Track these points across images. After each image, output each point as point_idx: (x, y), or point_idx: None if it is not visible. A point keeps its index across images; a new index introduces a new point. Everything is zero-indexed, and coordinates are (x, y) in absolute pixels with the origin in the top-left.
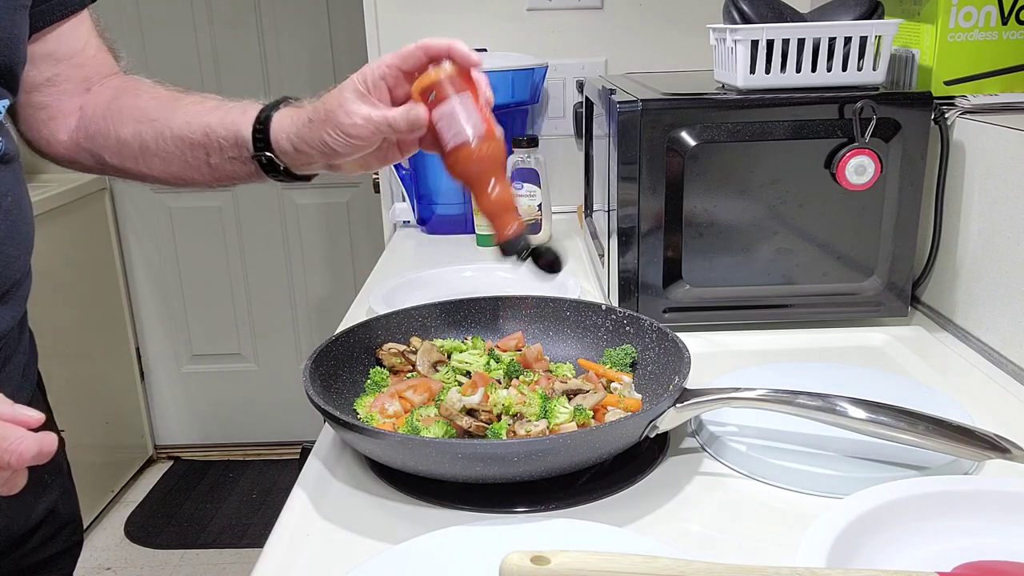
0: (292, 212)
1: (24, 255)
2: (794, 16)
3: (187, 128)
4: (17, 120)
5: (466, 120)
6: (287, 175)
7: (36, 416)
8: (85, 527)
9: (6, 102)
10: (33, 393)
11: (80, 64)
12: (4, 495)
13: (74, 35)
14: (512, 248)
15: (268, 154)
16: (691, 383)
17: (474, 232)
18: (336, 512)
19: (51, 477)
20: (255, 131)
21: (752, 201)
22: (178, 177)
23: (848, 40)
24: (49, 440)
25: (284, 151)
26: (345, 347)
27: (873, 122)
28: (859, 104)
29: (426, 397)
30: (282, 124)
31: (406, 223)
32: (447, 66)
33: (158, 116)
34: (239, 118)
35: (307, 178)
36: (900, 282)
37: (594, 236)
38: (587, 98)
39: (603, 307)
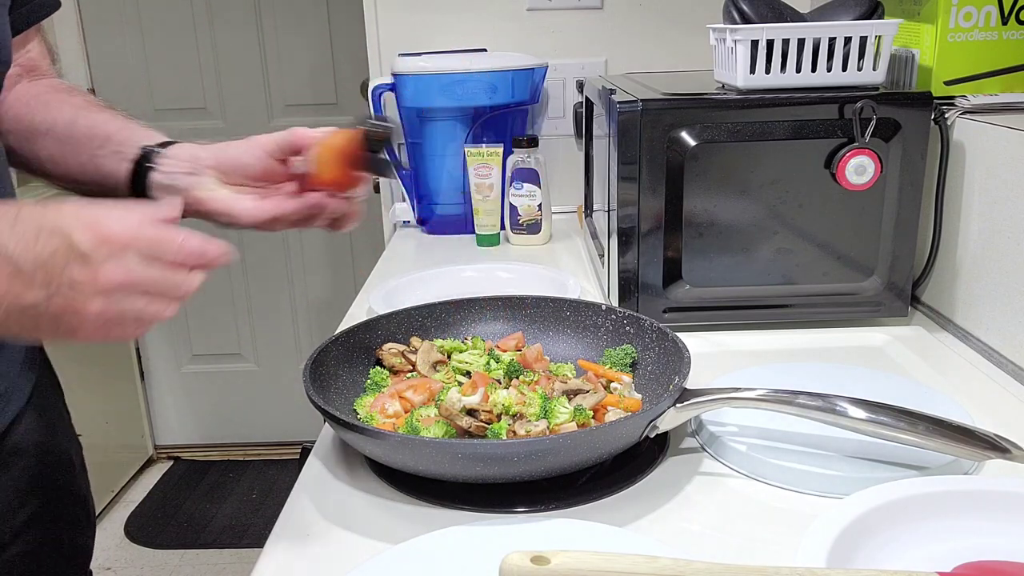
0: None
1: None
2: (794, 16)
3: (100, 123)
4: None
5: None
6: (144, 193)
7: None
8: None
9: None
10: (32, 395)
11: (21, 63)
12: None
13: (27, 36)
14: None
15: (162, 148)
16: (691, 383)
17: (474, 232)
18: (336, 512)
19: (66, 479)
20: (164, 142)
21: (752, 201)
22: (57, 164)
23: (848, 40)
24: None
25: (176, 154)
26: (345, 347)
27: (873, 122)
28: (859, 104)
29: (426, 397)
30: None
31: (406, 223)
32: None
33: (80, 111)
34: (155, 133)
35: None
36: (900, 282)
37: (594, 236)
38: (587, 98)
39: (603, 307)
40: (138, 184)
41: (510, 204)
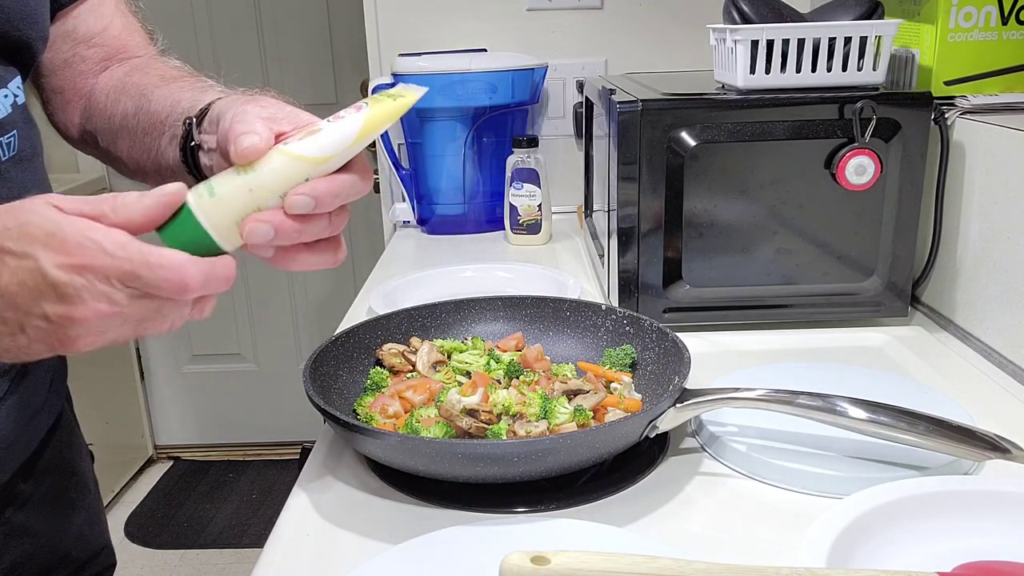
0: None
1: None
2: (794, 16)
3: (162, 103)
4: (46, 108)
5: None
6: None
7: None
8: None
9: (18, 80)
10: (62, 410)
11: (100, 44)
12: (197, 319)
13: (95, 14)
14: None
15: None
16: (691, 383)
17: (474, 232)
18: (336, 512)
19: (79, 496)
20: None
21: (752, 201)
22: (135, 162)
23: (848, 40)
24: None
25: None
26: (345, 347)
27: (873, 122)
28: (859, 104)
29: (426, 397)
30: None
31: (406, 223)
32: None
33: (148, 92)
34: (211, 93)
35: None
36: (900, 282)
37: (594, 236)
38: (587, 98)
39: (603, 307)
40: (193, 167)
41: (510, 204)
